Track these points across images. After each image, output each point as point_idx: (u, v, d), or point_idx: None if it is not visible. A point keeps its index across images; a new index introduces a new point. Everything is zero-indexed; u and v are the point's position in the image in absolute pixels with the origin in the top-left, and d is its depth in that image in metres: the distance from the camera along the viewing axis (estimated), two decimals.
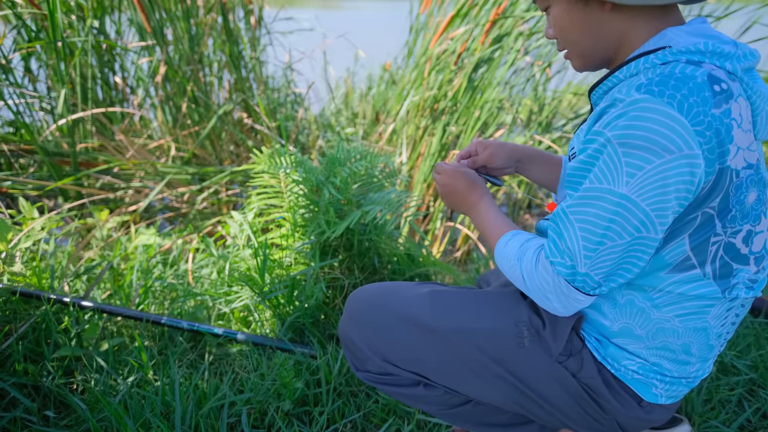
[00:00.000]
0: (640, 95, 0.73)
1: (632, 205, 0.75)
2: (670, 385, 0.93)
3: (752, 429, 1.33)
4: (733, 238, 0.81)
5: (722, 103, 0.73)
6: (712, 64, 0.76)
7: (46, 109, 2.91)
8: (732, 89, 0.75)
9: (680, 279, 0.83)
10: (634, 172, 0.73)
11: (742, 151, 0.76)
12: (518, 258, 0.90)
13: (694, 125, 0.71)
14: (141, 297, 1.75)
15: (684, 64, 0.75)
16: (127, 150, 2.70)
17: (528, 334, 0.96)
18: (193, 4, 2.92)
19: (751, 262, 0.84)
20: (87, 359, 1.50)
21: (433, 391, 1.05)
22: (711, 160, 0.73)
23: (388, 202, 1.58)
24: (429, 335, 1.00)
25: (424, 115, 2.75)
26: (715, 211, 0.78)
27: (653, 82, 0.73)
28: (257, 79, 3.36)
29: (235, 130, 3.08)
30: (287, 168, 1.57)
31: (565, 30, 0.88)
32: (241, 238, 1.86)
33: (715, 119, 0.72)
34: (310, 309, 1.56)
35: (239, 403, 1.34)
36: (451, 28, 2.63)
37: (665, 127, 0.71)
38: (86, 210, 2.62)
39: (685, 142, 0.71)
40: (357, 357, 1.09)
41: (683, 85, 0.72)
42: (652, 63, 0.79)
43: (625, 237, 0.77)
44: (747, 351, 1.56)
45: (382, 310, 1.05)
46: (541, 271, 0.85)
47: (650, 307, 0.86)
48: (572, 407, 0.96)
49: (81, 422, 1.32)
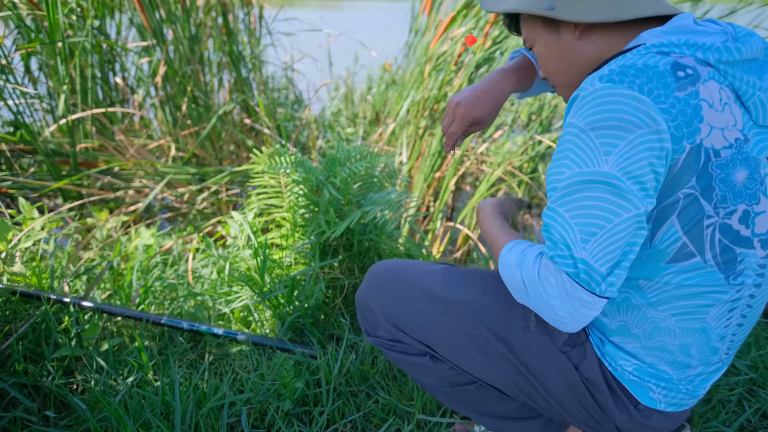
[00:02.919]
0: (602, 84, 0.76)
1: (616, 180, 0.74)
2: (668, 390, 0.91)
3: (752, 429, 1.33)
4: (728, 219, 0.79)
5: (687, 86, 0.75)
6: (681, 53, 0.78)
7: (46, 109, 2.91)
8: (700, 73, 0.76)
9: (680, 268, 0.81)
10: (610, 149, 0.75)
11: (717, 131, 0.76)
12: (518, 264, 0.84)
13: (657, 104, 0.74)
14: (141, 297, 1.75)
15: (649, 55, 0.77)
16: (127, 150, 2.70)
17: (535, 319, 0.97)
18: (193, 4, 2.92)
19: (756, 244, 0.81)
20: (87, 359, 1.51)
21: (438, 364, 1.06)
22: (678, 137, 0.74)
23: (388, 202, 1.58)
24: (439, 305, 1.02)
25: (424, 116, 2.75)
26: (698, 191, 0.77)
27: (614, 72, 0.76)
28: (257, 79, 3.36)
29: (235, 130, 3.08)
30: (287, 168, 1.57)
31: (549, 64, 0.91)
32: (241, 238, 1.86)
33: (678, 101, 0.74)
34: (310, 309, 1.56)
35: (239, 403, 1.34)
36: (451, 28, 2.63)
37: (630, 106, 0.74)
38: (86, 210, 2.62)
39: (652, 118, 0.73)
40: (369, 322, 1.12)
41: (642, 74, 0.75)
42: (622, 59, 0.80)
43: (615, 218, 0.74)
44: (747, 351, 1.56)
45: (398, 278, 1.08)
46: (543, 273, 0.79)
47: (645, 305, 0.85)
48: (570, 400, 0.96)
49: (81, 422, 1.32)
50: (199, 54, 2.98)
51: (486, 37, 2.48)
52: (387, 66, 3.61)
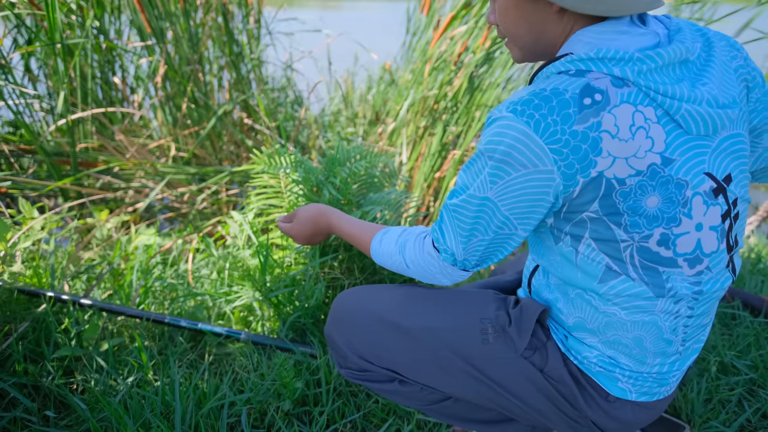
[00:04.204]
0: (506, 113, 0.78)
1: (494, 206, 0.83)
2: (635, 380, 0.92)
3: (752, 429, 1.33)
4: (645, 242, 0.80)
5: (590, 117, 0.74)
6: (599, 72, 0.77)
7: (46, 110, 2.91)
8: (610, 98, 0.75)
9: (613, 285, 0.85)
10: (495, 180, 0.80)
11: (621, 160, 0.75)
12: (399, 251, 1.00)
13: (549, 144, 0.75)
14: (141, 297, 1.75)
15: (563, 78, 0.78)
16: (127, 150, 2.70)
17: (492, 330, 0.98)
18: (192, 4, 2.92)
19: (681, 263, 0.82)
20: (87, 359, 1.50)
21: (408, 387, 1.08)
22: (569, 174, 0.77)
23: (388, 202, 1.58)
24: (399, 333, 1.03)
25: (424, 115, 2.75)
26: (603, 216, 0.79)
27: (521, 101, 0.77)
28: (257, 79, 3.36)
29: (235, 130, 3.08)
30: (287, 168, 1.57)
31: (509, 22, 0.87)
32: (241, 238, 1.86)
33: (574, 135, 0.75)
34: (310, 309, 1.56)
35: (239, 403, 1.34)
36: (451, 27, 2.63)
37: (522, 144, 0.76)
38: (86, 210, 2.62)
39: (540, 159, 0.76)
40: (339, 355, 1.13)
41: (545, 104, 0.76)
42: (548, 72, 0.82)
43: (490, 233, 0.87)
44: (747, 351, 1.56)
45: (359, 311, 1.10)
46: (426, 257, 0.96)
47: (596, 300, 0.87)
48: (544, 403, 0.96)
49: (81, 422, 1.32)
50: (199, 54, 2.98)
51: (486, 36, 2.48)
52: (387, 66, 3.61)
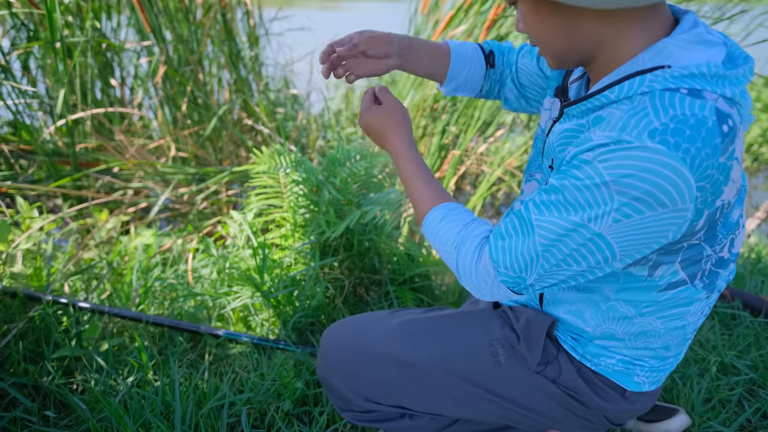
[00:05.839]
0: (654, 144, 0.65)
1: (604, 243, 0.71)
2: (651, 372, 0.94)
3: (752, 429, 1.33)
4: (721, 252, 0.82)
5: (729, 146, 0.68)
6: (714, 93, 0.68)
7: (46, 110, 2.90)
8: (736, 123, 0.69)
9: (672, 294, 0.84)
10: (620, 219, 0.69)
11: (733, 183, 0.72)
12: (455, 247, 0.85)
13: (697, 181, 0.67)
14: (141, 297, 1.74)
15: (689, 99, 0.67)
16: (126, 150, 2.70)
17: (503, 351, 0.96)
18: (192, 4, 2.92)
19: (730, 264, 0.86)
20: (87, 359, 1.50)
21: (418, 421, 1.05)
22: (700, 209, 0.70)
23: (387, 202, 1.58)
24: (405, 370, 0.99)
25: (424, 115, 2.75)
26: (702, 240, 0.78)
27: (668, 130, 0.65)
28: (257, 79, 3.36)
29: (235, 130, 3.08)
30: (287, 168, 1.57)
31: (534, 29, 0.77)
32: (240, 238, 1.86)
33: (717, 168, 0.68)
34: (310, 309, 1.56)
35: (239, 403, 1.34)
36: (450, 27, 2.63)
37: (672, 185, 0.66)
38: (86, 210, 2.62)
39: (682, 197, 0.67)
40: (340, 399, 1.08)
41: (698, 135, 0.65)
42: (650, 87, 0.70)
43: (582, 266, 0.75)
44: (747, 351, 1.56)
45: (355, 351, 1.04)
46: (481, 271, 0.82)
47: (634, 314, 0.87)
48: (558, 410, 0.97)
49: (81, 422, 1.32)
50: (198, 54, 2.98)
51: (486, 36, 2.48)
52: None
